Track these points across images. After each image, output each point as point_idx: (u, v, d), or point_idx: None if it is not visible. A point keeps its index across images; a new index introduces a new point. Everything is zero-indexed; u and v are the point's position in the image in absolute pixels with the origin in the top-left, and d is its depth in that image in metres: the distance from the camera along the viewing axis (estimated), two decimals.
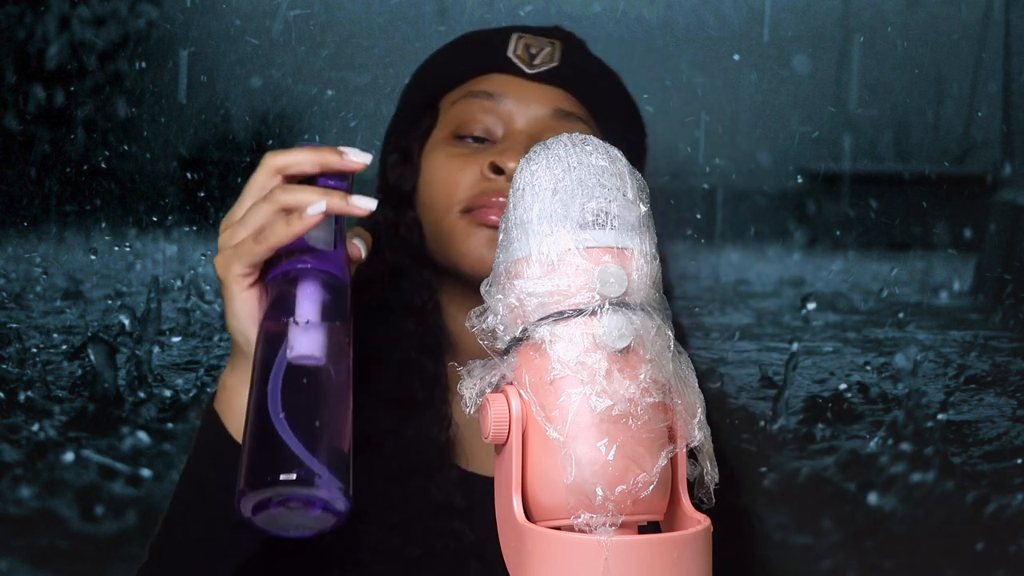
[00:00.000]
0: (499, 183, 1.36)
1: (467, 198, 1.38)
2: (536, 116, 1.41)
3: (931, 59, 2.44)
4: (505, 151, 1.37)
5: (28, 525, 2.50)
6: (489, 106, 1.42)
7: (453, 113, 1.44)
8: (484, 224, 1.36)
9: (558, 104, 1.43)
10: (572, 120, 1.43)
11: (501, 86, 1.43)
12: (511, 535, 0.99)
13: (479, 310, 1.02)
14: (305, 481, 0.96)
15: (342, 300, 1.12)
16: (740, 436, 2.64)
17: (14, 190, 2.46)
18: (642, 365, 0.96)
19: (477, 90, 1.44)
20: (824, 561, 2.51)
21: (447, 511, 1.38)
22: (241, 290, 1.15)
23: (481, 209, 1.36)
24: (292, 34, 1.50)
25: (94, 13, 2.44)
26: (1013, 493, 2.47)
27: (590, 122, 1.44)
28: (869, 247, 2.63)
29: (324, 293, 1.10)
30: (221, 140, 2.58)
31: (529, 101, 1.42)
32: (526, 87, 1.43)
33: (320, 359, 1.05)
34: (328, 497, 0.97)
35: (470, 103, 1.43)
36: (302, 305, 1.09)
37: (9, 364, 2.52)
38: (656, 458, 0.96)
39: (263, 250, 1.13)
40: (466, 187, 1.38)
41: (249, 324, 1.16)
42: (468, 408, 1.01)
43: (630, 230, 0.98)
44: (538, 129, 1.41)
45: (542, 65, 1.44)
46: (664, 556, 0.94)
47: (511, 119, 1.41)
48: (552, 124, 1.41)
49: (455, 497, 1.38)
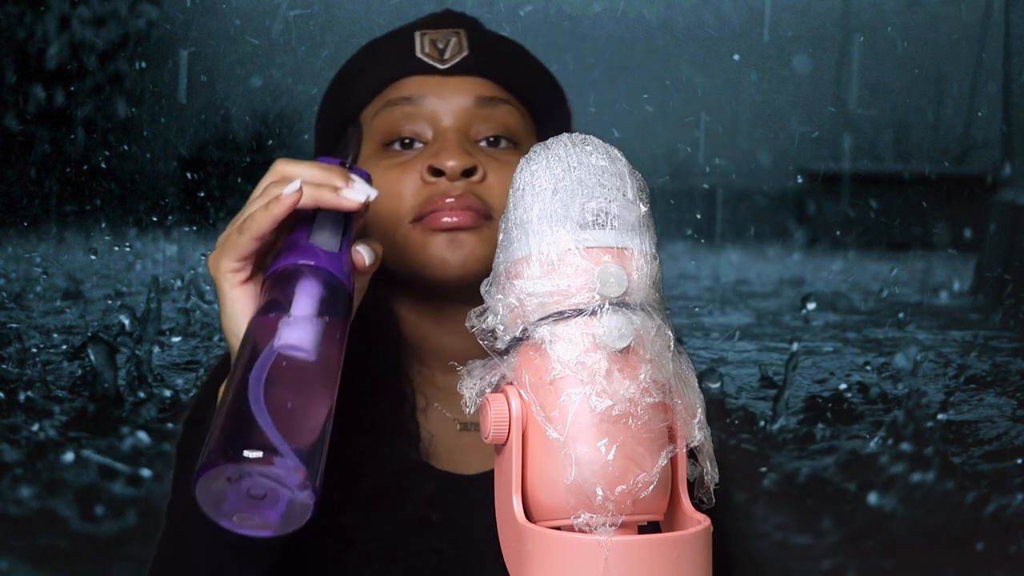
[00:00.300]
0: (442, 185, 1.35)
1: (414, 207, 1.37)
2: (460, 109, 1.41)
3: (931, 59, 2.44)
4: (440, 152, 1.36)
5: (28, 525, 2.50)
6: (411, 111, 1.41)
7: (377, 125, 1.43)
8: (438, 229, 1.35)
9: (478, 92, 1.42)
10: (496, 104, 1.42)
11: (418, 88, 1.42)
12: (511, 535, 0.99)
13: (479, 310, 1.02)
14: (267, 459, 0.92)
15: (338, 299, 1.11)
16: (740, 436, 2.64)
17: (14, 190, 2.46)
18: (642, 365, 0.96)
19: (395, 97, 1.42)
20: (824, 561, 2.51)
21: (424, 529, 1.37)
22: (232, 287, 1.13)
23: (431, 215, 1.35)
24: (292, 34, 1.50)
25: (94, 13, 2.44)
26: (1013, 493, 2.48)
27: (512, 100, 1.44)
28: (869, 247, 2.64)
29: (320, 289, 1.09)
30: (221, 140, 2.58)
31: (449, 96, 1.42)
32: (443, 83, 1.42)
33: (309, 353, 1.03)
34: (292, 482, 0.93)
35: (391, 112, 1.41)
36: (294, 300, 1.07)
37: (9, 364, 2.52)
38: (656, 458, 0.96)
39: (247, 240, 1.11)
40: (410, 196, 1.37)
41: (244, 323, 1.13)
42: (468, 408, 1.01)
43: (630, 230, 0.98)
44: (465, 121, 1.40)
45: (453, 58, 1.43)
46: (664, 556, 0.94)
47: (436, 118, 1.40)
48: (478, 113, 1.41)
49: (431, 513, 1.37)
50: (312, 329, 1.05)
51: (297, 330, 1.04)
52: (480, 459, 1.42)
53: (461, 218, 1.34)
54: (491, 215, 1.36)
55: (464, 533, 1.35)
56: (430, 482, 1.38)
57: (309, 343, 1.04)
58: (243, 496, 0.96)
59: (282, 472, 0.94)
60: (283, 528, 0.97)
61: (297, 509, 0.96)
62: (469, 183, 1.35)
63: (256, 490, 0.95)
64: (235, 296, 1.13)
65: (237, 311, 1.13)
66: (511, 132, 1.42)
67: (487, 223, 1.35)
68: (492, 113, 1.41)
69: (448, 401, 1.44)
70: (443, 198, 1.34)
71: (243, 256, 1.13)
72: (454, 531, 1.36)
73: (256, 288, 1.14)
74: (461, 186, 1.35)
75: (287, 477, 0.94)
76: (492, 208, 1.36)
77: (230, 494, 0.95)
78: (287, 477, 0.94)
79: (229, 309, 1.14)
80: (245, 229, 1.11)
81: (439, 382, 1.45)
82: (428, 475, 1.39)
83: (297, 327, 1.05)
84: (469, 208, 1.34)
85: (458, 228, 1.34)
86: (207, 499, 0.95)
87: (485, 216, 1.35)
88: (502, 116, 1.42)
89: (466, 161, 1.35)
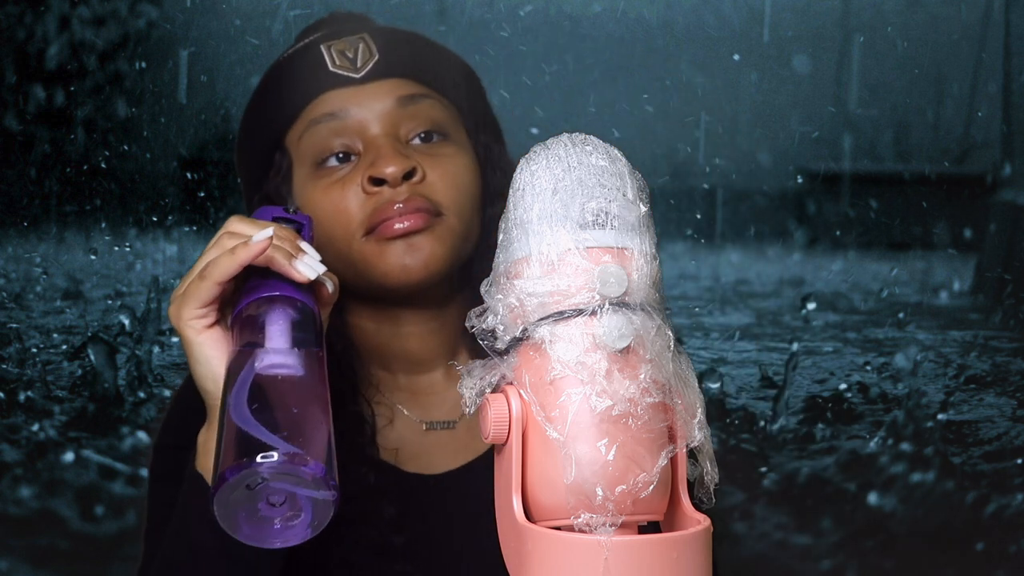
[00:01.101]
0: (386, 193, 1.35)
1: (363, 220, 1.36)
2: (384, 113, 1.40)
3: (931, 59, 2.44)
4: (376, 160, 1.36)
5: (28, 525, 2.50)
6: (337, 126, 1.40)
7: (305, 146, 1.41)
8: (392, 236, 1.34)
9: (398, 92, 1.41)
10: (417, 100, 1.42)
11: (339, 102, 1.41)
12: (511, 535, 0.99)
13: (479, 310, 1.02)
14: (292, 457, 0.93)
15: (309, 321, 1.10)
16: (740, 436, 2.64)
17: (14, 190, 2.46)
18: (642, 365, 0.96)
19: (318, 115, 1.40)
20: (824, 561, 2.51)
21: (388, 554, 1.37)
22: (197, 333, 1.14)
23: (382, 224, 1.35)
24: (292, 34, 1.50)
25: (94, 13, 2.45)
26: (1013, 493, 2.48)
27: (431, 93, 1.44)
28: (869, 247, 2.64)
29: (291, 313, 1.09)
30: (221, 140, 2.58)
31: (371, 103, 1.41)
32: (362, 92, 1.41)
33: (295, 368, 1.04)
34: (309, 475, 0.94)
35: (317, 131, 1.40)
36: (268, 329, 1.07)
37: (9, 364, 2.52)
38: (656, 458, 0.96)
39: (209, 285, 1.11)
40: (356, 210, 1.36)
41: (216, 366, 1.13)
42: (468, 408, 1.01)
43: (630, 230, 0.98)
44: (392, 124, 1.40)
45: (366, 65, 1.42)
46: (664, 556, 0.94)
47: (364, 128, 1.39)
48: (403, 113, 1.40)
49: (393, 537, 1.37)
50: (290, 348, 1.06)
51: (277, 353, 1.05)
52: (448, 457, 1.42)
53: (413, 221, 1.33)
54: (440, 211, 1.36)
55: (429, 550, 1.35)
56: (396, 489, 1.37)
57: (292, 359, 1.05)
58: (262, 506, 0.96)
59: (301, 469, 0.94)
60: (306, 533, 0.98)
61: (319, 508, 0.97)
62: (411, 185, 1.34)
63: (275, 497, 0.96)
64: (201, 341, 1.14)
65: (206, 354, 1.13)
66: (439, 125, 1.41)
67: (438, 220, 1.35)
68: (416, 110, 1.41)
69: (413, 402, 1.44)
70: (390, 205, 1.34)
71: (205, 302, 1.12)
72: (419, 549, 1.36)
73: (221, 333, 1.14)
74: (405, 190, 1.34)
75: (305, 474, 0.94)
76: (440, 204, 1.36)
77: (247, 507, 0.96)
78: (305, 474, 0.94)
79: (198, 354, 1.14)
80: (208, 275, 1.11)
81: (402, 384, 1.45)
82: (394, 480, 1.38)
83: (276, 350, 1.05)
84: (418, 210, 1.34)
85: (412, 232, 1.34)
86: (225, 514, 0.96)
87: (435, 214, 1.35)
88: (426, 111, 1.41)
89: (404, 164, 1.34)
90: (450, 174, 1.38)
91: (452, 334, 1.43)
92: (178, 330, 1.14)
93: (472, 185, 1.40)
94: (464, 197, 1.38)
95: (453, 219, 1.36)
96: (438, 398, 1.44)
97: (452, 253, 1.36)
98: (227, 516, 0.96)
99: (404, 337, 1.43)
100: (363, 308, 1.42)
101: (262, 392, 1.01)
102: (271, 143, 1.44)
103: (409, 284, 1.35)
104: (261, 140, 1.45)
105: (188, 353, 1.15)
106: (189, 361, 1.15)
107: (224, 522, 0.96)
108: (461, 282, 1.41)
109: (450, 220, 1.36)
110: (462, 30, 1.68)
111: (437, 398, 1.44)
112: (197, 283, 1.12)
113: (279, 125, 1.44)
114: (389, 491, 1.36)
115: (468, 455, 1.41)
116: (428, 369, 1.44)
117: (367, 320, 1.43)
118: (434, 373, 1.44)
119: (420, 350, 1.42)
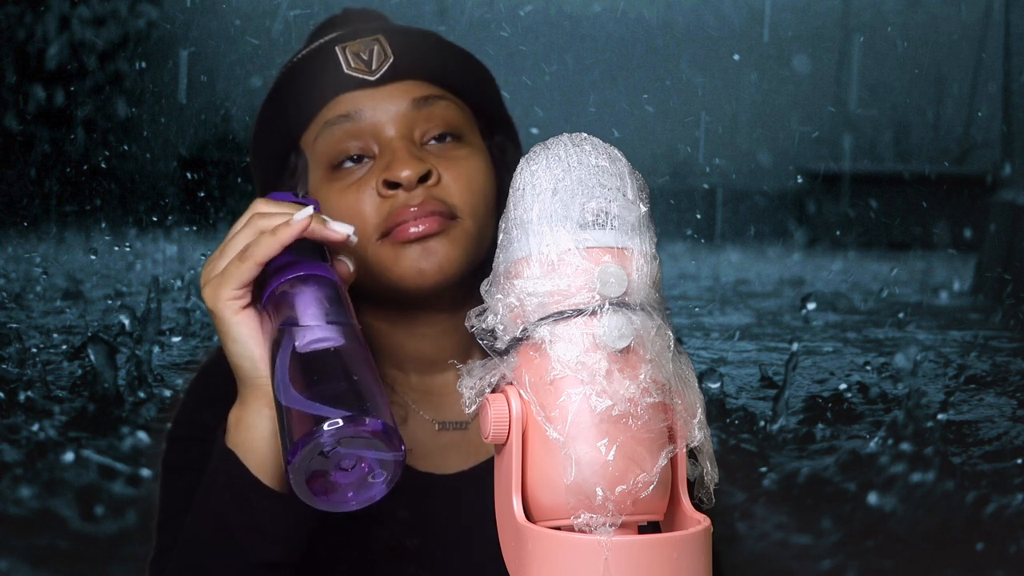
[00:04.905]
0: (401, 196, 1.35)
1: (378, 223, 1.36)
2: (399, 115, 1.40)
3: (931, 59, 2.44)
4: (391, 163, 1.35)
5: (28, 525, 2.50)
6: (352, 128, 1.40)
7: (320, 148, 1.42)
8: (408, 240, 1.34)
9: (413, 94, 1.41)
10: (432, 102, 1.42)
11: (354, 104, 1.41)
12: (511, 535, 0.99)
13: (479, 310, 1.02)
14: (359, 420, 0.97)
15: (340, 298, 1.13)
16: (740, 436, 2.64)
17: (14, 190, 2.46)
18: (642, 365, 0.96)
19: (333, 117, 1.40)
20: (824, 561, 2.51)
21: (401, 557, 1.37)
22: (235, 313, 1.14)
23: (398, 228, 1.35)
24: (292, 34, 1.50)
25: (94, 13, 2.44)
26: (1013, 493, 2.48)
27: (446, 94, 1.43)
28: (869, 247, 2.64)
29: (323, 291, 1.11)
30: (221, 140, 2.58)
31: (386, 105, 1.40)
32: (377, 94, 1.41)
33: (335, 340, 1.06)
34: (377, 432, 0.97)
35: (332, 133, 1.40)
36: (303, 309, 1.10)
37: (9, 364, 2.52)
38: (656, 458, 0.96)
39: (251, 265, 1.12)
40: (371, 213, 1.36)
41: (253, 345, 1.14)
42: (468, 408, 1.01)
43: (630, 230, 0.98)
44: (408, 126, 1.40)
45: (381, 67, 1.42)
46: (664, 556, 0.94)
47: (379, 131, 1.39)
48: (417, 115, 1.40)
49: (405, 536, 1.37)
50: (327, 323, 1.08)
51: (314, 328, 1.07)
52: (460, 458, 1.42)
53: (428, 225, 1.33)
54: (455, 214, 1.35)
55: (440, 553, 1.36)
56: (408, 488, 1.38)
57: (331, 332, 1.07)
58: (335, 473, 0.99)
59: (363, 429, 0.97)
60: (383, 491, 1.01)
61: (389, 467, 1.00)
62: (427, 188, 1.34)
63: (346, 462, 0.99)
64: (239, 320, 1.14)
65: (243, 333, 1.14)
66: (453, 127, 1.41)
67: (453, 223, 1.35)
68: (431, 112, 1.40)
69: (426, 402, 1.45)
70: (406, 209, 1.34)
71: (245, 283, 1.13)
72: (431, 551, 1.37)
73: (254, 313, 1.15)
74: (420, 193, 1.34)
75: (366, 433, 0.97)
76: (454, 207, 1.35)
77: (320, 474, 0.99)
78: (366, 433, 0.97)
79: (236, 333, 1.15)
80: (249, 255, 1.12)
81: (416, 384, 1.45)
82: (407, 479, 1.39)
83: (313, 326, 1.08)
84: (434, 213, 1.33)
85: (427, 236, 1.34)
86: (300, 481, 0.99)
87: (450, 216, 1.35)
88: (441, 112, 1.41)
89: (420, 168, 1.34)
90: (465, 176, 1.37)
91: (466, 335, 1.43)
92: (214, 311, 1.15)
93: (487, 187, 1.39)
94: (479, 199, 1.37)
95: (468, 222, 1.35)
96: (451, 399, 1.44)
97: (467, 256, 1.36)
98: (301, 485, 0.99)
99: (418, 338, 1.43)
100: (377, 308, 1.42)
101: (310, 367, 1.04)
102: (286, 144, 1.44)
103: (424, 288, 1.35)
104: (276, 141, 1.46)
105: (223, 333, 1.15)
106: (224, 341, 1.15)
107: (299, 491, 0.99)
108: (476, 283, 1.41)
109: (465, 223, 1.35)
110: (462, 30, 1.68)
111: (450, 399, 1.44)
112: (237, 264, 1.12)
113: (294, 127, 1.43)
114: (402, 490, 1.37)
115: (480, 456, 1.42)
116: (441, 370, 1.44)
117: (381, 320, 1.43)
118: (447, 374, 1.44)
119: (434, 351, 1.42)
